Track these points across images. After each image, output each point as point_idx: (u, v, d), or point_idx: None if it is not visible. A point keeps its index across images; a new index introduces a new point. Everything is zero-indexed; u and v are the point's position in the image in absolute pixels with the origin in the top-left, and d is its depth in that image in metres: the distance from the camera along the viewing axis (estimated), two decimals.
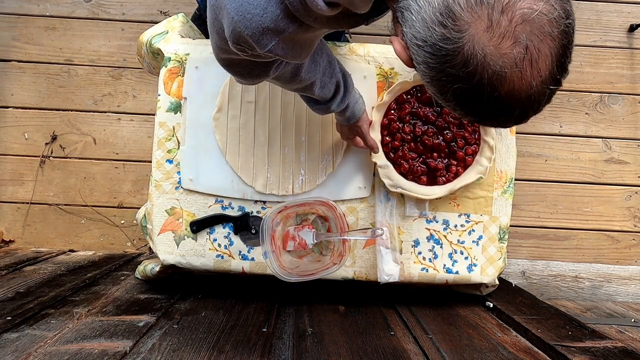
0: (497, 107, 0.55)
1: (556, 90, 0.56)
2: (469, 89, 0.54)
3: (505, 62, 0.51)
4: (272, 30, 0.63)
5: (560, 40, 0.52)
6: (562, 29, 0.52)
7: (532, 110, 0.56)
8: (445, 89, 0.55)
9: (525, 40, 0.51)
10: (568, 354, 0.88)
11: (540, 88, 0.53)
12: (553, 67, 0.53)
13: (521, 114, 0.56)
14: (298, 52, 0.70)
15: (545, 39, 0.51)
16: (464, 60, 0.52)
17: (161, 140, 1.13)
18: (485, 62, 0.51)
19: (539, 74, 0.52)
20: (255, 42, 0.64)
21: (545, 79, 0.53)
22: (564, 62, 0.54)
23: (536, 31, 0.51)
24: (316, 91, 0.89)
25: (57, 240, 1.68)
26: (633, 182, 1.74)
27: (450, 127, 1.12)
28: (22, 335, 0.86)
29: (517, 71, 0.51)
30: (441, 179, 1.13)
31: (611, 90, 1.75)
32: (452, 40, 0.51)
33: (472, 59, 0.51)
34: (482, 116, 0.57)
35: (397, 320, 1.08)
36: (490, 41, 0.51)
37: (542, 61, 0.52)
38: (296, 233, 1.09)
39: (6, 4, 1.69)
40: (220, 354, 0.83)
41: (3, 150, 1.68)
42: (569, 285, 1.69)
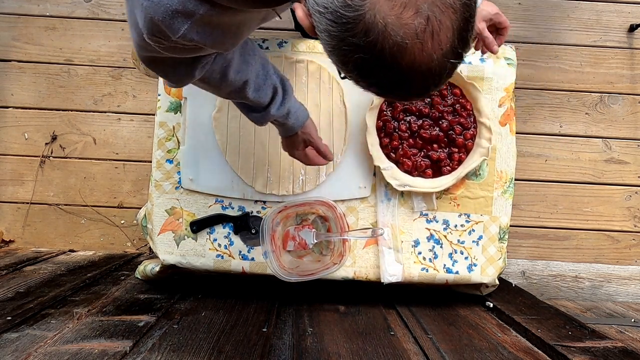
0: (398, 78, 0.54)
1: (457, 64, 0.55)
2: (370, 59, 0.52)
3: (406, 33, 0.50)
4: (182, 12, 0.62)
5: (462, 12, 0.51)
6: (464, 1, 0.51)
7: (434, 84, 0.55)
8: (346, 58, 0.54)
9: (427, 10, 0.50)
10: (568, 354, 0.88)
11: (441, 61, 0.52)
12: (454, 40, 0.52)
13: (422, 87, 0.55)
14: (219, 38, 0.69)
15: (447, 11, 0.50)
16: (365, 29, 0.50)
17: (161, 140, 1.13)
18: (386, 31, 0.50)
19: (440, 46, 0.51)
20: (167, 28, 0.63)
21: (447, 52, 0.52)
22: (466, 36, 0.53)
23: (438, 2, 0.50)
24: (250, 94, 0.86)
25: (57, 240, 1.68)
26: (633, 182, 1.74)
27: (445, 116, 1.12)
28: (22, 335, 0.86)
29: (418, 42, 0.50)
30: (446, 169, 1.13)
31: (611, 90, 1.75)
32: (354, 7, 0.50)
33: (373, 28, 0.50)
34: (384, 88, 0.56)
35: (397, 320, 1.08)
36: (392, 10, 0.49)
37: (444, 33, 0.51)
38: (296, 233, 1.09)
39: (6, 4, 1.69)
40: (220, 354, 0.83)
41: (3, 150, 1.68)
42: (569, 285, 1.69)
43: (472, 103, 1.14)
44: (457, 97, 1.14)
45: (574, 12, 1.76)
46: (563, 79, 1.75)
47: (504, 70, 1.18)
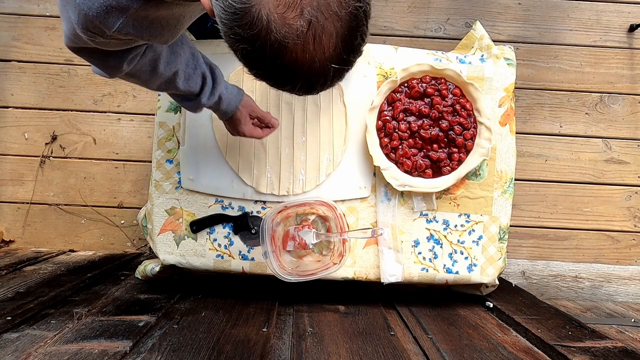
0: (280, 73, 0.55)
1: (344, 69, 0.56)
2: (253, 52, 0.54)
3: (287, 32, 0.51)
4: (116, 7, 0.63)
5: (347, 21, 0.52)
6: (350, 10, 0.52)
7: (319, 85, 0.57)
8: (234, 47, 0.55)
9: (310, 15, 0.51)
10: (568, 354, 0.88)
11: (323, 64, 0.54)
12: (338, 47, 0.53)
13: (307, 86, 0.57)
14: (157, 31, 0.69)
15: (330, 18, 0.51)
16: (250, 21, 0.52)
17: (161, 140, 1.13)
18: (269, 27, 0.51)
19: (323, 50, 0.53)
20: (101, 23, 0.64)
21: (330, 57, 0.53)
22: (352, 43, 0.54)
23: (323, 8, 0.51)
24: (180, 85, 0.87)
25: (57, 240, 1.68)
26: (633, 182, 1.74)
27: (445, 116, 1.13)
28: (22, 335, 0.86)
29: (300, 43, 0.52)
30: (446, 169, 1.13)
31: (611, 90, 1.75)
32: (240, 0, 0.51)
33: (257, 22, 0.51)
34: (269, 80, 0.57)
35: (397, 320, 1.08)
36: (277, 8, 0.51)
37: (326, 39, 0.52)
38: (296, 233, 1.09)
39: (6, 4, 1.69)
40: (220, 354, 0.83)
41: (3, 150, 1.68)
42: (569, 285, 1.69)
43: (472, 103, 1.14)
44: (457, 97, 1.14)
45: (574, 12, 1.76)
46: (563, 79, 1.75)
47: (504, 70, 1.18)
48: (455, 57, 1.18)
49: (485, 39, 1.24)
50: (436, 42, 1.74)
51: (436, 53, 1.19)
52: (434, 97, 1.13)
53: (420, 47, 1.24)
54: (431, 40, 1.75)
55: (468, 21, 1.75)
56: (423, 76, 1.14)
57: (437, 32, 1.75)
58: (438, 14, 1.76)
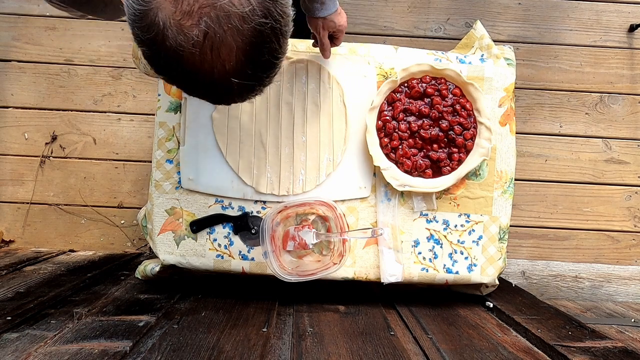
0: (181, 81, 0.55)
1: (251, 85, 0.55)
2: (152, 55, 0.53)
3: (182, 40, 0.51)
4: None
5: (250, 37, 0.51)
6: (253, 25, 0.51)
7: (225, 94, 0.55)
8: (138, 47, 0.55)
9: (207, 25, 0.50)
10: (568, 354, 0.88)
11: (224, 77, 0.53)
12: (240, 61, 0.52)
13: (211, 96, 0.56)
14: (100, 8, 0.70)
15: (230, 31, 0.50)
16: (147, 24, 0.51)
17: (161, 140, 1.13)
18: (165, 33, 0.51)
19: (222, 63, 0.52)
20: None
21: (231, 70, 0.52)
22: (258, 59, 0.53)
23: (222, 20, 0.50)
24: None
25: (57, 240, 1.68)
26: (633, 182, 1.74)
27: (445, 116, 1.13)
28: (22, 335, 0.86)
29: (196, 53, 0.51)
30: (446, 169, 1.13)
31: (611, 90, 1.75)
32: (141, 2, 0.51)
33: (154, 26, 0.51)
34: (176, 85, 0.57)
35: (397, 320, 1.08)
36: (174, 14, 0.50)
37: (226, 52, 0.51)
38: (296, 233, 1.09)
39: (6, 4, 1.69)
40: (220, 354, 0.83)
41: (3, 150, 1.68)
42: (569, 285, 1.69)
43: (472, 103, 1.14)
44: (457, 97, 1.14)
45: (574, 12, 1.76)
46: (563, 79, 1.75)
47: (504, 70, 1.18)
48: (455, 57, 1.18)
49: (486, 38, 1.24)
50: (436, 42, 1.75)
51: (436, 53, 1.19)
52: (434, 97, 1.13)
53: (420, 47, 1.24)
54: (431, 40, 1.75)
55: (468, 21, 1.75)
56: (423, 76, 1.14)
57: (437, 32, 1.75)
58: (438, 14, 1.76)
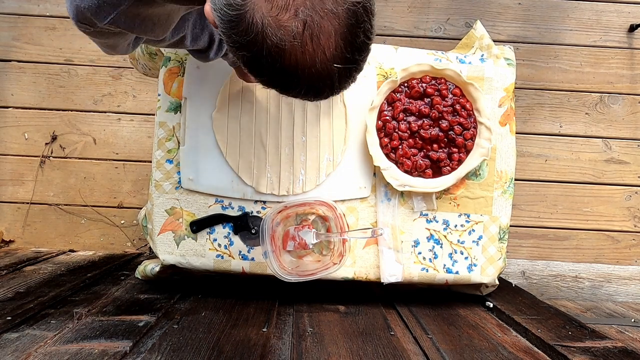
0: (283, 78, 0.55)
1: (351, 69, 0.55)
2: (253, 57, 0.54)
3: (283, 35, 0.51)
4: (108, 3, 0.63)
5: (346, 19, 0.51)
6: (347, 7, 0.51)
7: (327, 87, 0.55)
8: (236, 54, 0.55)
9: (305, 15, 0.50)
10: (568, 354, 0.88)
11: (326, 65, 0.53)
12: (339, 45, 0.52)
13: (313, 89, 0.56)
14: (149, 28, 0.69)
15: (327, 16, 0.50)
16: (245, 28, 0.51)
17: (161, 140, 1.13)
18: (265, 32, 0.51)
19: (322, 50, 0.52)
20: (93, 16, 0.64)
21: (332, 56, 0.52)
22: (355, 41, 0.53)
23: (317, 7, 0.50)
24: (188, 44, 0.87)
25: (57, 240, 1.68)
26: (633, 182, 1.74)
27: (445, 116, 1.13)
28: (22, 335, 0.86)
29: (297, 45, 0.51)
30: (446, 169, 1.13)
31: (611, 90, 1.75)
32: (234, 6, 0.51)
33: (252, 27, 0.51)
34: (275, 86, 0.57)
35: (397, 320, 1.08)
36: (270, 12, 0.50)
37: (325, 38, 0.51)
38: (296, 233, 1.09)
39: (6, 4, 1.69)
40: (220, 354, 0.83)
41: (3, 150, 1.68)
42: (569, 285, 1.69)
43: (472, 103, 1.14)
44: (457, 97, 1.14)
45: (574, 12, 1.76)
46: (563, 79, 1.75)
47: (504, 70, 1.18)
48: (455, 57, 1.18)
49: (486, 38, 1.24)
50: (436, 42, 1.74)
51: (436, 53, 1.19)
52: (434, 97, 1.13)
53: (420, 47, 1.24)
54: (431, 40, 1.75)
55: (468, 21, 1.75)
56: (423, 76, 1.14)
57: (437, 32, 1.75)
58: (438, 14, 1.76)
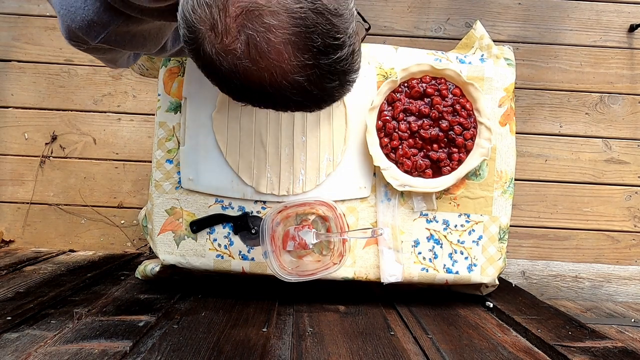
0: (251, 95, 0.56)
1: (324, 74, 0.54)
2: (219, 82, 0.56)
3: (232, 58, 0.52)
4: (97, 23, 0.64)
5: (290, 26, 0.51)
6: (288, 15, 0.50)
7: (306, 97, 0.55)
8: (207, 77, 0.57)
9: (246, 35, 0.51)
10: (568, 354, 0.88)
11: (287, 77, 0.53)
12: (293, 55, 0.51)
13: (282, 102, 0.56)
14: (140, 43, 0.71)
15: (269, 30, 0.50)
16: (203, 60, 0.54)
17: (161, 140, 1.13)
18: (218, 59, 0.53)
19: (278, 64, 0.52)
20: (85, 35, 0.65)
21: (290, 68, 0.52)
22: (312, 46, 0.52)
23: (257, 24, 0.50)
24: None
25: (57, 240, 1.68)
26: (633, 182, 1.74)
27: (445, 116, 1.13)
28: (22, 335, 0.86)
29: (248, 64, 0.52)
30: (446, 169, 1.13)
31: (611, 90, 1.75)
32: (190, 42, 0.53)
33: (207, 58, 0.53)
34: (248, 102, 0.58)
35: (397, 320, 1.08)
36: (215, 40, 0.52)
37: (275, 52, 0.51)
38: (296, 233, 1.09)
39: (6, 4, 1.69)
40: (220, 354, 0.83)
41: (3, 150, 1.68)
42: (569, 285, 1.69)
43: (472, 103, 1.14)
44: (457, 97, 1.14)
45: (574, 12, 1.76)
46: (563, 79, 1.75)
47: (504, 70, 1.18)
48: (455, 57, 1.18)
49: (485, 38, 1.24)
50: (436, 42, 1.74)
51: (436, 53, 1.19)
52: (434, 97, 1.13)
53: (420, 47, 1.24)
54: (431, 40, 1.75)
55: (468, 21, 1.75)
56: (423, 76, 1.14)
57: (437, 32, 1.75)
58: (438, 14, 1.76)
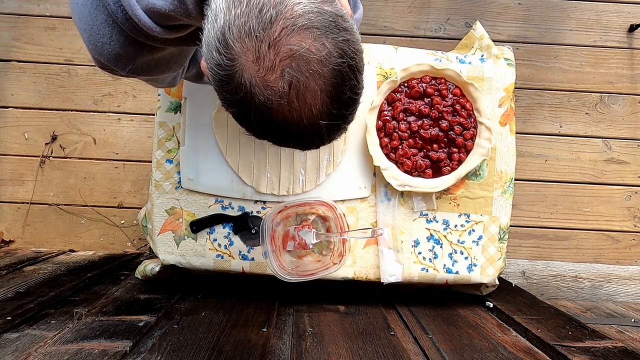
0: (273, 134, 0.57)
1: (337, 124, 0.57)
2: (242, 114, 0.56)
3: (270, 94, 0.53)
4: (124, 56, 0.66)
5: (331, 78, 0.53)
6: (332, 67, 0.53)
7: (316, 139, 0.58)
8: (228, 110, 0.58)
9: (291, 75, 0.52)
10: (568, 354, 0.88)
11: (313, 121, 0.55)
12: (325, 102, 0.54)
13: (302, 142, 0.58)
14: (165, 66, 0.72)
15: (312, 76, 0.53)
16: (234, 87, 0.54)
17: (161, 140, 1.13)
18: (253, 92, 0.53)
19: (309, 108, 0.54)
20: (114, 67, 0.67)
21: (318, 113, 0.54)
22: (341, 98, 0.55)
23: (303, 68, 0.52)
24: None
25: (57, 240, 1.68)
26: (633, 182, 1.74)
27: (445, 116, 1.13)
28: (22, 335, 0.86)
29: (284, 104, 0.53)
30: (446, 169, 1.13)
31: (611, 90, 1.75)
32: (224, 67, 0.53)
33: (241, 87, 0.53)
34: (266, 139, 0.59)
35: (397, 320, 1.08)
36: (258, 72, 0.52)
37: (311, 97, 0.53)
38: (296, 233, 1.09)
39: (6, 4, 1.69)
40: (220, 354, 0.83)
41: (3, 150, 1.68)
42: (569, 285, 1.69)
43: (472, 103, 1.14)
44: (457, 97, 1.14)
45: (574, 12, 1.76)
46: (563, 79, 1.75)
47: (504, 70, 1.18)
48: (455, 57, 1.18)
49: (485, 39, 1.24)
50: (436, 42, 1.74)
51: (436, 53, 1.19)
52: (434, 97, 1.13)
53: (420, 47, 1.24)
54: (431, 40, 1.75)
55: (468, 21, 1.75)
56: (423, 76, 1.14)
57: (437, 32, 1.75)
58: (438, 14, 1.76)
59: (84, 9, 0.64)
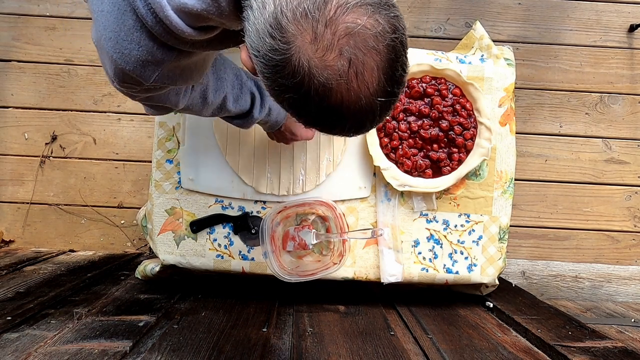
0: (329, 116, 0.56)
1: (390, 101, 0.57)
2: (299, 99, 0.55)
3: (330, 74, 0.52)
4: (152, 62, 0.64)
5: (386, 54, 0.53)
6: (387, 42, 0.53)
7: (369, 121, 0.57)
8: (280, 97, 0.57)
9: (349, 53, 0.52)
10: (568, 354, 0.88)
11: (369, 99, 0.55)
12: (381, 80, 0.54)
13: (356, 124, 0.58)
14: (188, 75, 0.71)
15: (369, 53, 0.52)
16: (292, 71, 0.53)
17: (161, 140, 1.13)
18: (312, 73, 0.52)
19: (367, 86, 0.54)
20: (138, 77, 0.65)
21: (375, 91, 0.54)
22: (394, 75, 0.55)
23: (360, 45, 0.52)
24: (231, 107, 0.89)
25: (57, 240, 1.68)
26: (633, 182, 1.74)
27: (445, 116, 1.13)
28: (22, 335, 0.86)
29: (343, 83, 0.53)
30: (446, 169, 1.13)
31: (611, 90, 1.75)
32: (280, 51, 0.52)
33: (299, 70, 0.53)
34: (319, 124, 0.59)
35: (397, 320, 1.08)
36: (315, 53, 0.52)
37: (368, 74, 0.53)
38: (296, 233, 1.09)
39: (6, 4, 1.69)
40: (220, 354, 0.83)
41: (3, 150, 1.68)
42: (569, 285, 1.69)
43: (472, 103, 1.14)
44: (457, 97, 1.14)
45: (574, 12, 1.76)
46: (563, 79, 1.75)
47: (504, 70, 1.18)
48: (455, 57, 1.18)
49: (485, 39, 1.24)
50: (436, 42, 1.74)
51: (436, 53, 1.19)
52: (434, 97, 1.13)
53: (420, 47, 1.24)
54: (431, 40, 1.75)
55: (468, 21, 1.75)
56: (423, 76, 1.14)
57: (437, 32, 1.75)
58: (438, 14, 1.76)
59: (110, 16, 0.62)
